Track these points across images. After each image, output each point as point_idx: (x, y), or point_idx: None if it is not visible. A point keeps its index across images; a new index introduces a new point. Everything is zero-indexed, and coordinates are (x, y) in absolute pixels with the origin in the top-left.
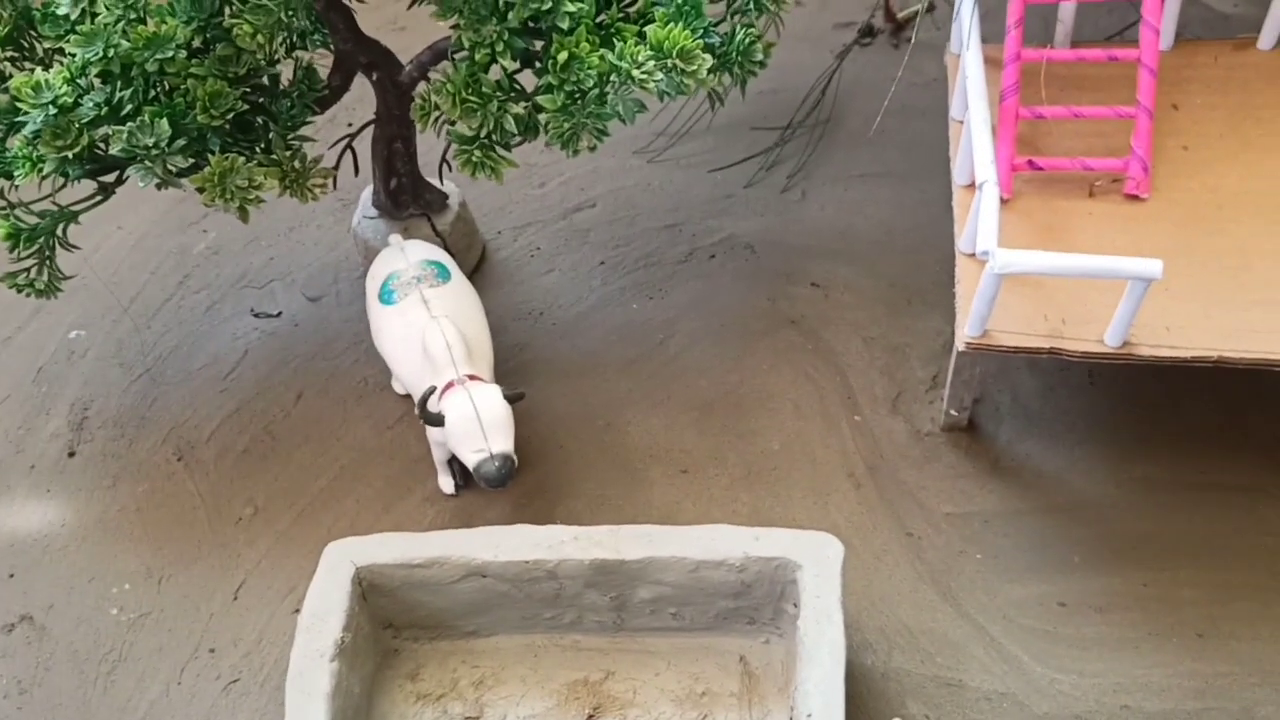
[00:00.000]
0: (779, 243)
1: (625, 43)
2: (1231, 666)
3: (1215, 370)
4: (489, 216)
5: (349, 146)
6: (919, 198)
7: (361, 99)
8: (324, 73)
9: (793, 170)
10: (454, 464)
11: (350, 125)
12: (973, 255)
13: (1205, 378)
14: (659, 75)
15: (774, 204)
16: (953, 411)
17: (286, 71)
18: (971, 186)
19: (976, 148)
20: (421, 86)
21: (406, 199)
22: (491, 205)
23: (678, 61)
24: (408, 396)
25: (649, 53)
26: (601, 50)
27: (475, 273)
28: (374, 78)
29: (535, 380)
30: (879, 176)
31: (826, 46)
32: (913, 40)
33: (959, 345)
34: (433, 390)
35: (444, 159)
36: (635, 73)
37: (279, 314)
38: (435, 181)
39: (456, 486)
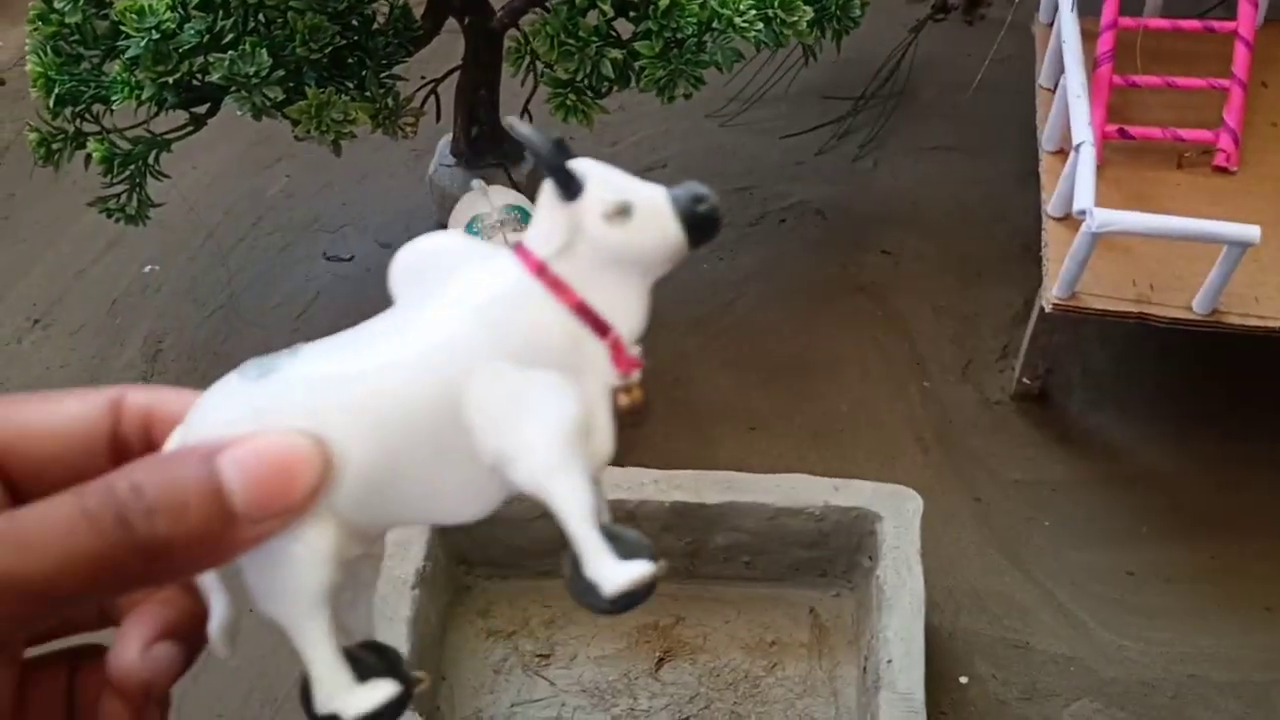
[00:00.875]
0: (850, 210)
1: None
2: None
3: None
4: None
5: (433, 92)
6: (992, 172)
7: (436, 52)
8: (417, 16)
9: (865, 140)
10: None
11: (423, 78)
12: (1062, 219)
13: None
14: (759, 25)
15: (845, 172)
16: (1025, 379)
17: (379, 14)
18: (1060, 152)
19: (1073, 111)
20: (513, 32)
21: (486, 147)
22: None
23: (779, 12)
24: None
25: (750, 1)
26: None
27: None
28: (465, 22)
29: None
30: (951, 150)
31: (899, 20)
32: (1010, 17)
33: (1045, 305)
34: None
35: (525, 109)
36: (737, 20)
37: (351, 258)
38: None
39: None
